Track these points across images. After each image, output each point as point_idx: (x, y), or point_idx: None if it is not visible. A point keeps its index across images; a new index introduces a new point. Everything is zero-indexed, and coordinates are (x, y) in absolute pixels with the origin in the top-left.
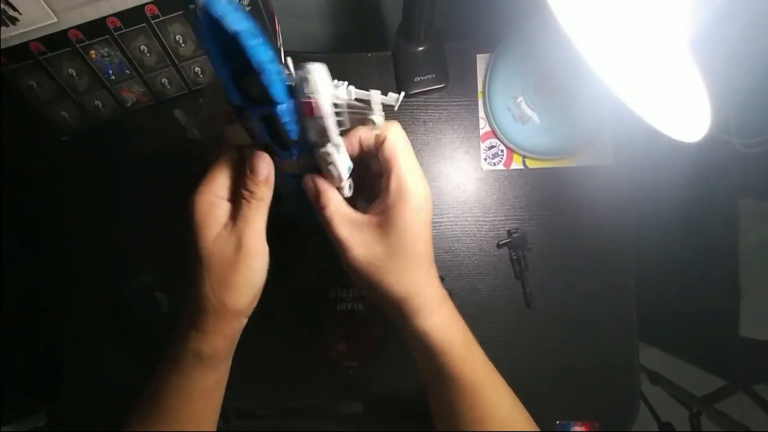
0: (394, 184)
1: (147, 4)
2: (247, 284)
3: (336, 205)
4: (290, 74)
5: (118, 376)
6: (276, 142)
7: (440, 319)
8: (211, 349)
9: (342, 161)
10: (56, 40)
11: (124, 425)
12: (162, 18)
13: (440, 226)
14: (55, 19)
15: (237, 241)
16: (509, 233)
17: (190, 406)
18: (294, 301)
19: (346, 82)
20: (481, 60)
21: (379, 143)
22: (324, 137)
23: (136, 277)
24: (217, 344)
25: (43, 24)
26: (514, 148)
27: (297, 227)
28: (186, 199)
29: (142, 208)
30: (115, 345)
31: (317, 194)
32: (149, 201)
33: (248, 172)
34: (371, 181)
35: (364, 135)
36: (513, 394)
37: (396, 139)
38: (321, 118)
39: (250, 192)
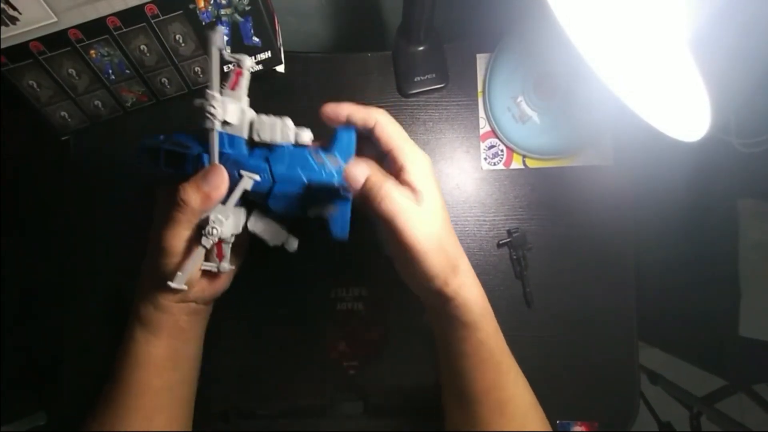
0: (407, 158)
1: (147, 3)
2: (157, 271)
3: (386, 181)
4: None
5: None
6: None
7: (476, 292)
8: (146, 312)
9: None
10: (56, 40)
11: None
12: (162, 17)
13: None
14: (55, 19)
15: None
16: (509, 233)
17: (139, 375)
18: (294, 301)
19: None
20: (481, 60)
21: (370, 126)
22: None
23: (135, 278)
24: (151, 311)
25: (42, 23)
26: (514, 147)
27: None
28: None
29: (142, 208)
30: (115, 345)
31: (366, 179)
32: (149, 200)
33: (200, 179)
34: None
35: (352, 111)
36: (528, 384)
37: (387, 120)
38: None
39: (185, 197)
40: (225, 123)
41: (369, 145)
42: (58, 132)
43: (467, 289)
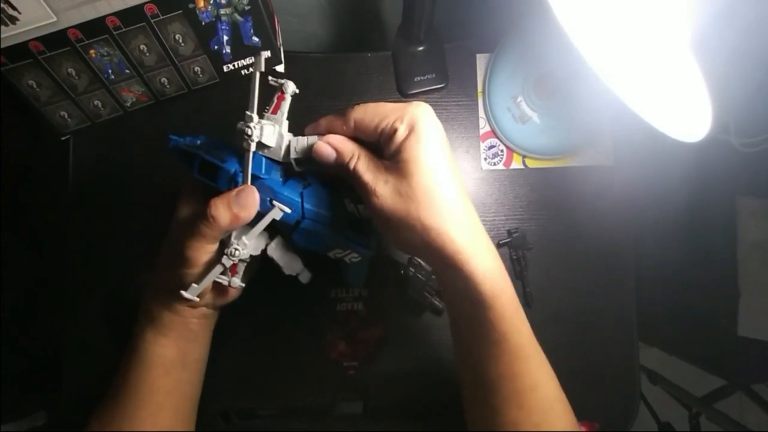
0: (394, 125)
1: (146, 3)
2: (176, 277)
3: (357, 153)
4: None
5: None
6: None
7: (486, 265)
8: (158, 313)
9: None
10: (56, 40)
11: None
12: (161, 17)
13: None
14: (55, 18)
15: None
16: (509, 233)
17: (147, 374)
18: (294, 301)
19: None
20: (481, 60)
21: (352, 127)
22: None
23: (136, 278)
24: (163, 313)
25: (42, 23)
26: (514, 147)
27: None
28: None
29: (142, 208)
30: (115, 345)
31: (337, 154)
32: (149, 200)
33: (232, 198)
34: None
35: (329, 120)
36: (555, 376)
37: (363, 110)
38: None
39: (214, 214)
40: (262, 145)
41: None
42: (58, 132)
43: (471, 256)
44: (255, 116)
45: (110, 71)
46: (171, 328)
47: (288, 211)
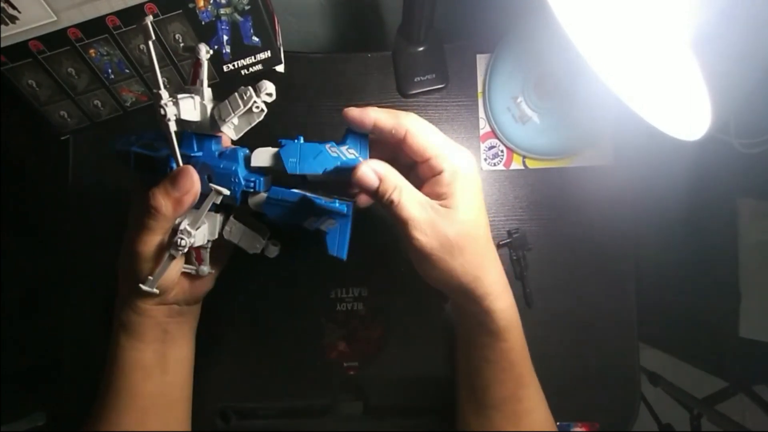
0: (445, 163)
1: (146, 2)
2: (133, 275)
3: (401, 184)
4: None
5: None
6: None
7: (506, 303)
8: (126, 317)
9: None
10: (55, 39)
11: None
12: (161, 17)
13: None
14: (55, 18)
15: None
16: (509, 233)
17: (127, 381)
18: (294, 301)
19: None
20: (481, 60)
21: (400, 137)
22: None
23: None
24: (131, 316)
25: (42, 23)
26: (514, 148)
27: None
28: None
29: None
30: None
31: (381, 183)
32: None
33: (168, 184)
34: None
35: (380, 117)
36: (546, 401)
37: (419, 127)
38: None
39: (155, 204)
40: (185, 122)
41: (382, 148)
42: (58, 131)
43: (495, 298)
44: (164, 93)
45: (110, 71)
46: (143, 332)
47: (226, 192)
